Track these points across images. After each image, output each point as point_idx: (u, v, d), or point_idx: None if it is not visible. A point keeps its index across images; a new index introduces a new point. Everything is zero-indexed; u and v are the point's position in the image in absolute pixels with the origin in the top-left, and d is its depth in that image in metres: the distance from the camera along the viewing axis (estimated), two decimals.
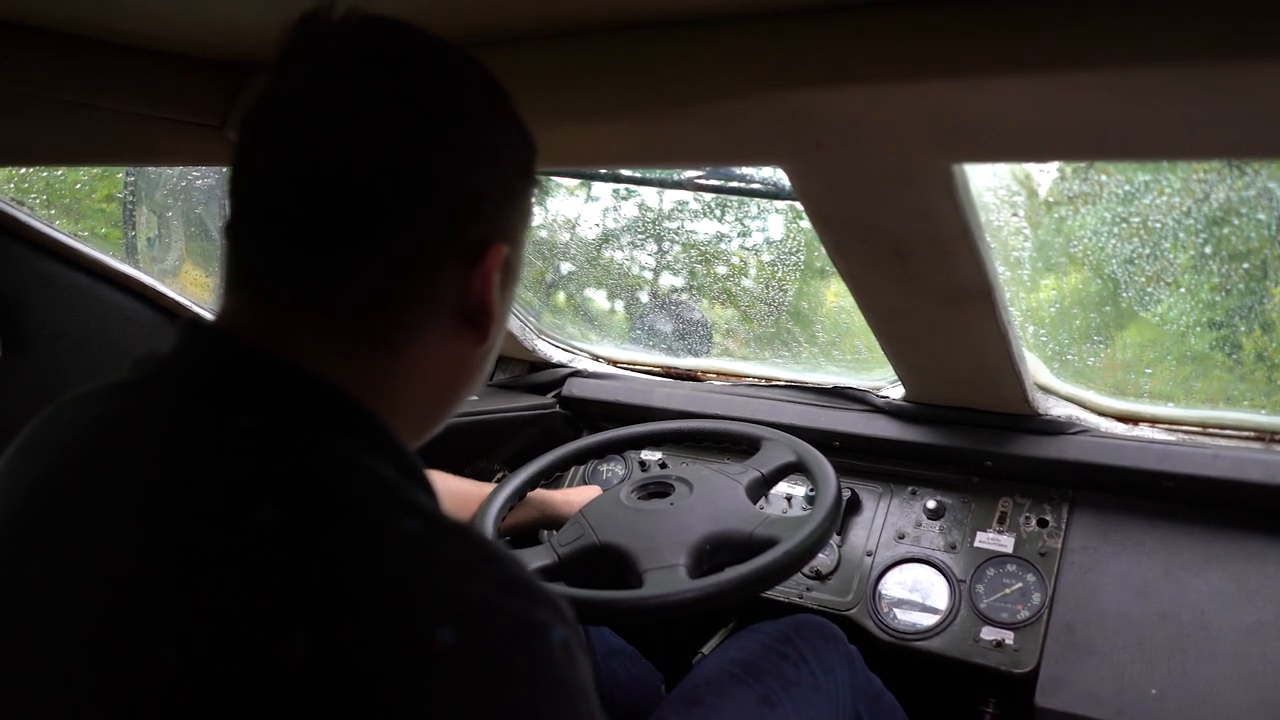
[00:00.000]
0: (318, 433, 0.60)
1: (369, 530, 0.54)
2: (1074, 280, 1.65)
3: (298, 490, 0.55)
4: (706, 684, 1.25)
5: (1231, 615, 1.38)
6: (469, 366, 0.73)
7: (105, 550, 0.56)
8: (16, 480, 0.66)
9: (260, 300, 0.66)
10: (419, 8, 0.93)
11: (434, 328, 0.68)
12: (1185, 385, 1.61)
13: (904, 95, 0.85)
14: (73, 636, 0.54)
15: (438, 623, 0.50)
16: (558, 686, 0.53)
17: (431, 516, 0.57)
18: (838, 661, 1.33)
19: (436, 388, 0.71)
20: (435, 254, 0.66)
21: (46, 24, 1.07)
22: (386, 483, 0.59)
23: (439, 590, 0.52)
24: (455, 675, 0.50)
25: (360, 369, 0.65)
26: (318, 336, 0.64)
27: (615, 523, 1.32)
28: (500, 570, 0.55)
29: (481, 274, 0.68)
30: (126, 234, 1.80)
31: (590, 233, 2.19)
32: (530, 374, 2.12)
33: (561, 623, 0.56)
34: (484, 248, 0.67)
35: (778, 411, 1.78)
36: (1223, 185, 1.39)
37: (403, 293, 0.66)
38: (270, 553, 0.52)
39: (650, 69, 0.97)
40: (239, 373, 0.62)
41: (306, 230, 0.63)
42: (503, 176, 0.70)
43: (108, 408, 0.66)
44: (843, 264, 1.28)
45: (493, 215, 0.69)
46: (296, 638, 0.49)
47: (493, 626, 0.52)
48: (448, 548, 0.55)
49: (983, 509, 1.63)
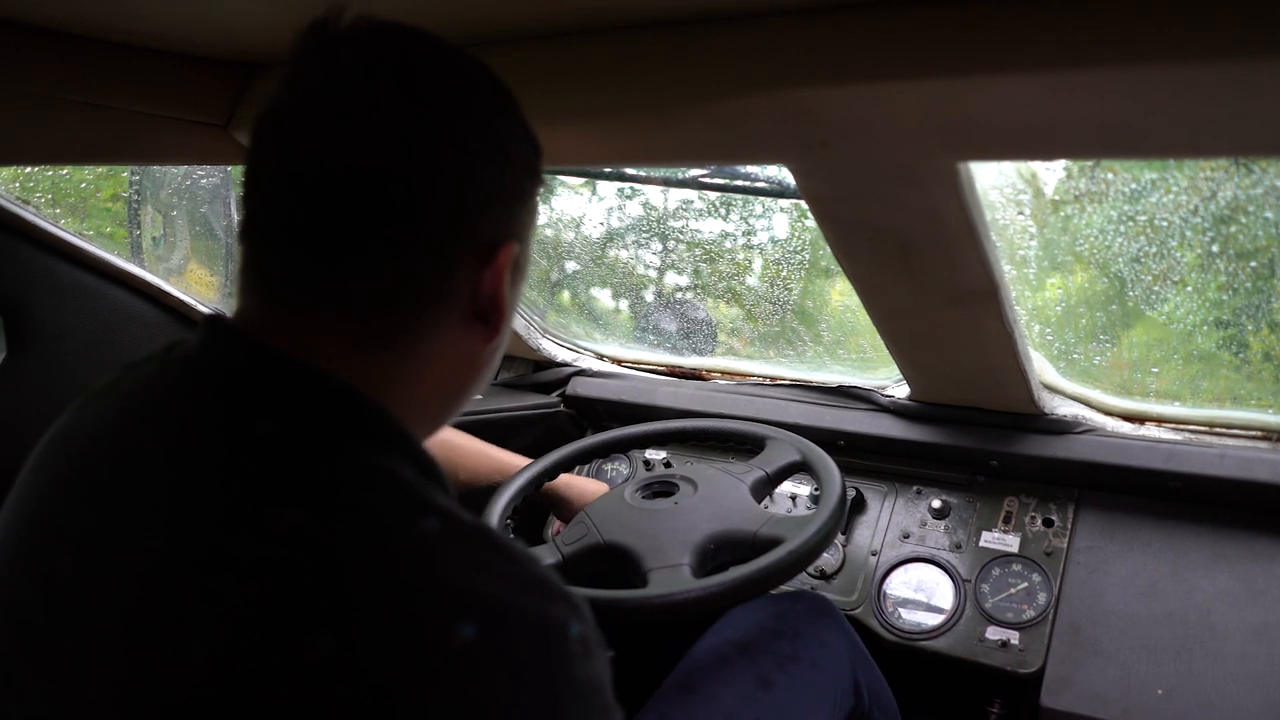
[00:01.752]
0: (337, 436, 0.61)
1: (390, 532, 0.55)
2: (1080, 279, 1.64)
3: (320, 495, 0.56)
4: (702, 668, 1.25)
5: (1238, 615, 1.37)
6: (479, 363, 0.74)
7: (136, 547, 0.57)
8: (45, 474, 0.67)
9: (276, 305, 0.67)
10: (425, 8, 0.93)
11: (447, 326, 0.69)
12: (1192, 384, 1.60)
13: (910, 93, 0.85)
14: (106, 630, 0.55)
15: (457, 620, 0.52)
16: (575, 682, 0.55)
17: (450, 515, 0.58)
18: (834, 635, 1.33)
19: (448, 384, 0.72)
20: (447, 254, 0.67)
21: (52, 24, 1.07)
22: (406, 484, 0.60)
23: (458, 589, 0.53)
24: (475, 672, 0.51)
25: (375, 369, 0.66)
26: (333, 339, 0.65)
27: (620, 522, 1.32)
28: (517, 569, 0.56)
29: (493, 272, 0.69)
30: (131, 233, 1.80)
31: (595, 231, 2.19)
32: (535, 373, 2.13)
33: (578, 619, 0.57)
34: (495, 247, 0.69)
35: (782, 410, 1.78)
36: (1230, 183, 1.38)
37: (416, 293, 0.67)
38: (293, 556, 0.53)
39: (655, 68, 0.96)
40: (260, 375, 0.63)
41: (319, 234, 0.64)
42: (511, 177, 0.71)
43: (130, 405, 0.67)
44: (848, 263, 1.28)
45: (503, 215, 0.70)
46: (320, 638, 0.50)
47: (511, 624, 0.53)
48: (466, 547, 0.56)
49: (988, 508, 1.62)
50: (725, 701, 1.19)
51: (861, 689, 1.31)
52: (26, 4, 1.01)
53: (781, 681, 1.23)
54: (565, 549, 1.32)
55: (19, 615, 0.61)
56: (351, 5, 0.67)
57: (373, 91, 0.64)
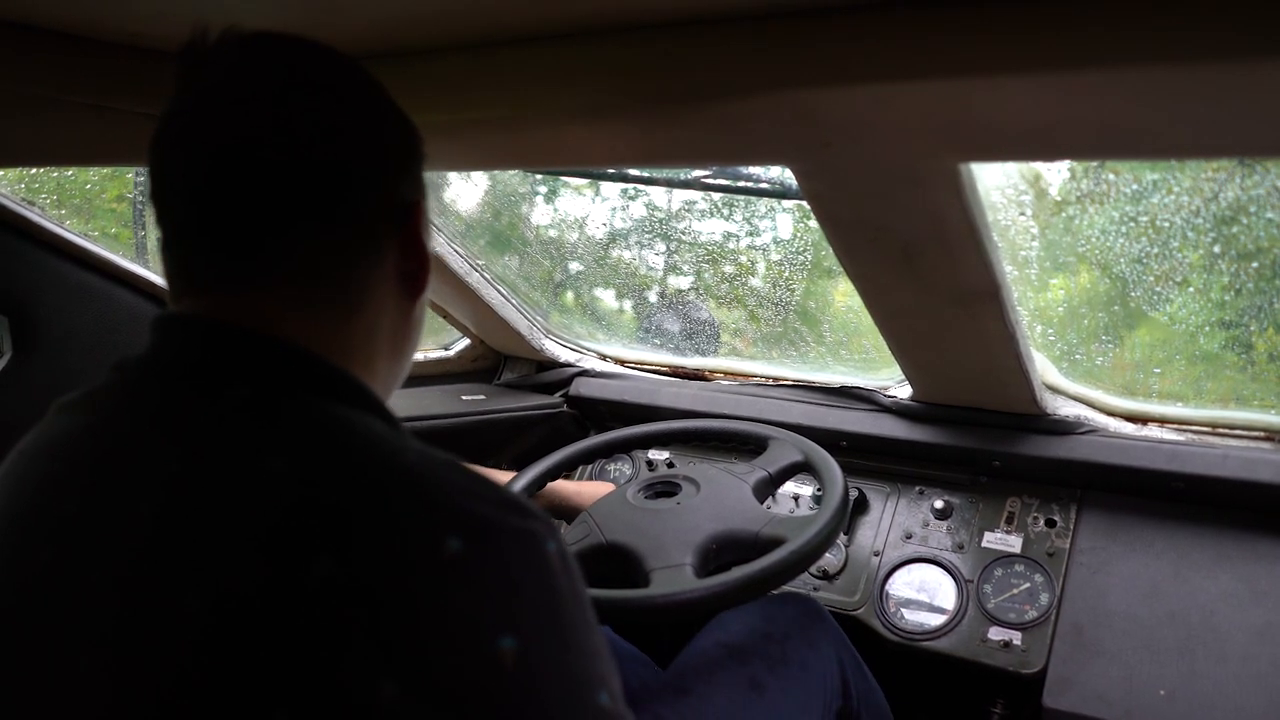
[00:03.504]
0: (309, 394, 0.65)
1: (372, 465, 0.59)
2: (1083, 280, 1.64)
3: (302, 443, 0.60)
4: (694, 670, 1.26)
5: (1241, 616, 1.37)
6: (413, 320, 0.80)
7: (120, 519, 0.59)
8: (24, 480, 0.68)
9: (215, 298, 0.70)
10: (427, 11, 0.93)
11: (381, 288, 0.74)
12: (1195, 385, 1.60)
13: (912, 95, 0.85)
14: (97, 603, 0.57)
15: (446, 534, 0.55)
16: (558, 589, 0.59)
17: (426, 451, 0.62)
18: (823, 637, 1.34)
19: (393, 344, 0.77)
20: (370, 218, 0.72)
21: (57, 26, 1.08)
22: (379, 430, 0.64)
23: (444, 507, 0.57)
24: (465, 579, 0.55)
25: (328, 335, 0.70)
26: (285, 309, 0.69)
27: (622, 522, 1.33)
28: (494, 491, 0.60)
29: (411, 230, 0.75)
30: (136, 234, 1.80)
31: (598, 232, 2.19)
32: (538, 373, 2.13)
33: (553, 537, 0.62)
34: (410, 206, 0.75)
35: (785, 411, 1.78)
36: (1233, 184, 1.38)
37: (350, 259, 0.71)
38: (283, 495, 0.56)
39: (658, 69, 0.97)
40: (223, 350, 0.66)
41: (233, 226, 0.68)
42: (406, 142, 0.77)
43: (101, 405, 0.70)
44: (850, 264, 1.28)
45: (408, 176, 0.76)
46: (318, 561, 0.52)
47: (495, 536, 0.57)
48: (446, 474, 0.60)
49: (990, 509, 1.62)
50: (718, 703, 1.20)
51: (851, 690, 1.32)
52: (31, 6, 1.01)
53: (772, 684, 1.24)
54: (570, 549, 1.32)
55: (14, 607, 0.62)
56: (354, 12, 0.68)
57: (262, 83, 0.69)
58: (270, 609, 0.52)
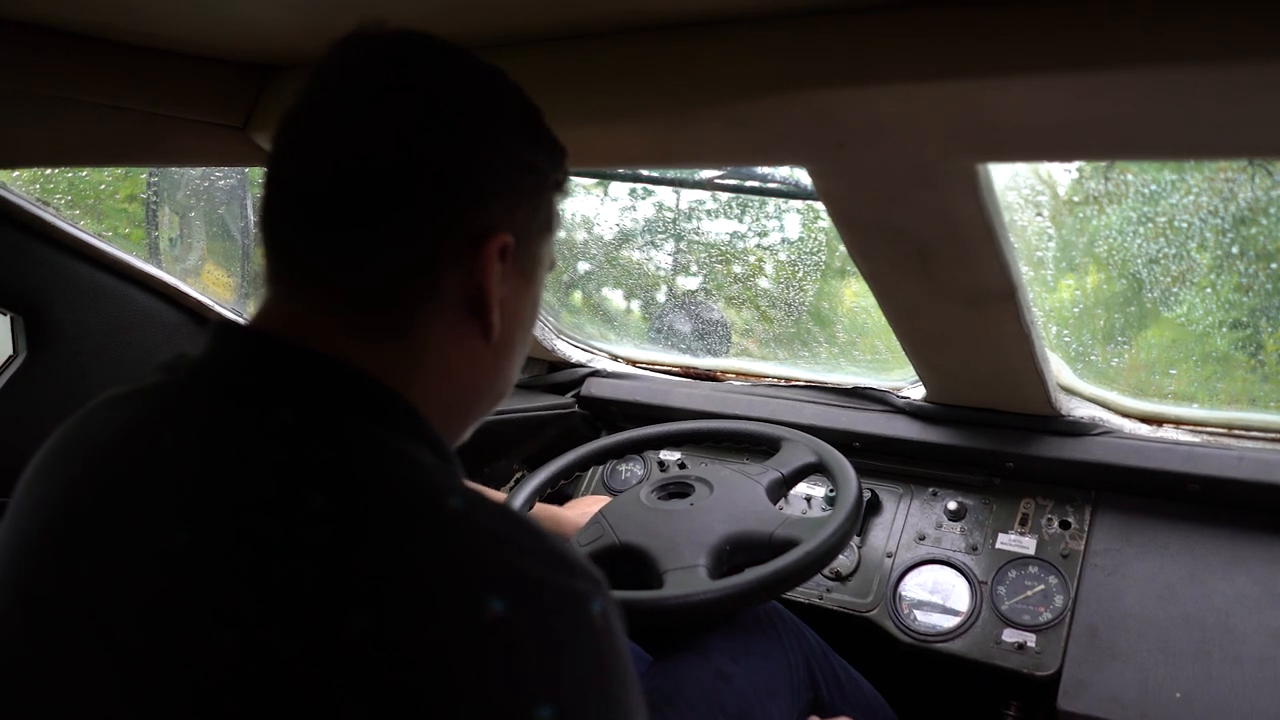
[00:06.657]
0: (357, 421, 0.63)
1: (416, 511, 0.57)
2: (1097, 280, 1.64)
3: (346, 477, 0.58)
4: (660, 670, 1.28)
5: (1257, 619, 1.36)
6: (481, 365, 0.74)
7: (157, 542, 0.58)
8: (54, 481, 0.67)
9: (288, 297, 0.69)
10: (445, 11, 0.93)
11: (440, 318, 0.69)
12: (1209, 386, 1.59)
13: (928, 95, 0.85)
14: (127, 626, 0.56)
15: (488, 595, 0.53)
16: (601, 654, 0.56)
17: (473, 495, 0.59)
18: (782, 629, 1.35)
19: (453, 385, 0.72)
20: (437, 240, 0.68)
21: (72, 27, 1.08)
22: (426, 466, 0.61)
23: (487, 564, 0.55)
24: (506, 644, 0.52)
25: (390, 360, 0.68)
26: (344, 330, 0.67)
27: (635, 523, 1.32)
28: (542, 544, 0.58)
29: (481, 262, 0.69)
30: (149, 234, 1.81)
31: (609, 232, 2.19)
32: (549, 373, 2.13)
33: (600, 594, 0.58)
34: (485, 238, 0.69)
35: (797, 412, 1.77)
36: (1248, 185, 1.38)
37: (412, 285, 0.68)
38: (323, 538, 0.54)
39: (672, 70, 0.97)
40: (275, 367, 0.65)
41: (327, 210, 0.67)
42: (514, 176, 0.72)
43: (144, 407, 0.68)
44: (864, 264, 1.28)
45: (497, 209, 0.70)
46: (355, 616, 0.51)
47: (539, 598, 0.55)
48: (491, 524, 0.57)
49: (1004, 510, 1.62)
50: (688, 695, 1.22)
51: (819, 682, 1.33)
52: (47, 7, 1.01)
53: (736, 673, 1.26)
54: (581, 549, 1.32)
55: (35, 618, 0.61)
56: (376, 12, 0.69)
57: (377, 90, 0.68)
58: (305, 658, 0.50)
